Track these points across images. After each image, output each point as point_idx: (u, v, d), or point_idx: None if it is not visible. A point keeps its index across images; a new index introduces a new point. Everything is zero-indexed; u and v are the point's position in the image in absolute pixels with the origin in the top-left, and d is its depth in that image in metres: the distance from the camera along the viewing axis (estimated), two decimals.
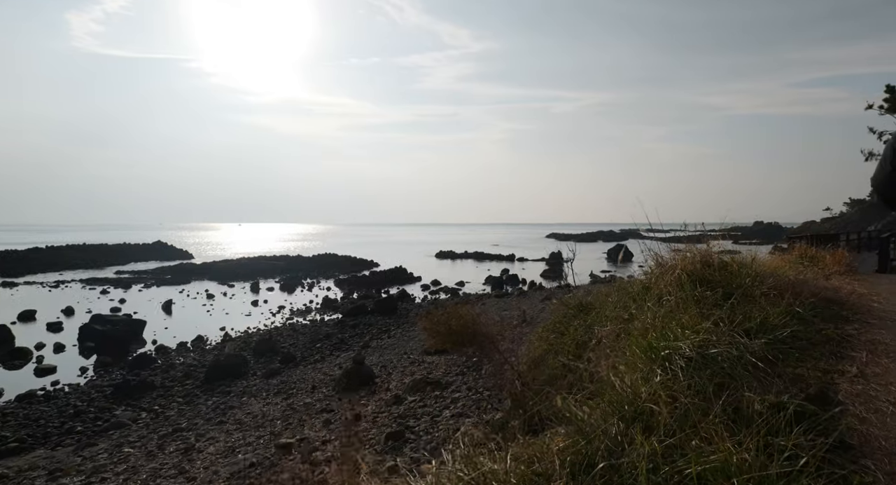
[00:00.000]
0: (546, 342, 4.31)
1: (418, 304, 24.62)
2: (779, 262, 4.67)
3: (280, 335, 17.09)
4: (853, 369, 2.19)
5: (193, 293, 27.99)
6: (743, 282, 3.27)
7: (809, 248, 5.96)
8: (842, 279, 4.40)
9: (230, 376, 11.59)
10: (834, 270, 4.86)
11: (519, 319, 15.21)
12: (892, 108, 17.04)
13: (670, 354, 2.19)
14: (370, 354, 12.85)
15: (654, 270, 3.71)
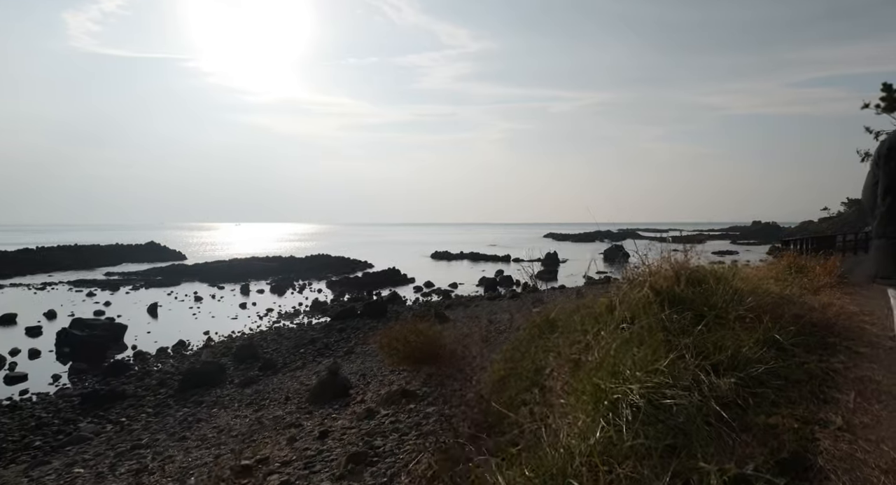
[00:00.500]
0: (509, 363, 3.95)
1: (409, 306, 24.22)
2: (765, 272, 4.32)
3: (264, 340, 16.70)
4: (838, 418, 1.83)
5: (182, 295, 27.58)
6: (719, 301, 2.89)
7: (799, 256, 5.61)
8: (831, 294, 4.05)
9: (206, 385, 11.19)
10: (824, 282, 4.51)
11: (507, 323, 14.87)
12: (889, 107, 16.73)
13: (619, 399, 1.82)
14: (352, 361, 12.47)
15: (622, 287, 3.34)
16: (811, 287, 4.17)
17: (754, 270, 4.67)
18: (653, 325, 2.53)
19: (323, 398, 8.72)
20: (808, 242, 14.29)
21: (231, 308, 23.77)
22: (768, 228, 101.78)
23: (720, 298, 2.93)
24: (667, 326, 2.53)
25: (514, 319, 16.85)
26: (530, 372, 3.10)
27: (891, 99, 16.54)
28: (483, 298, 25.57)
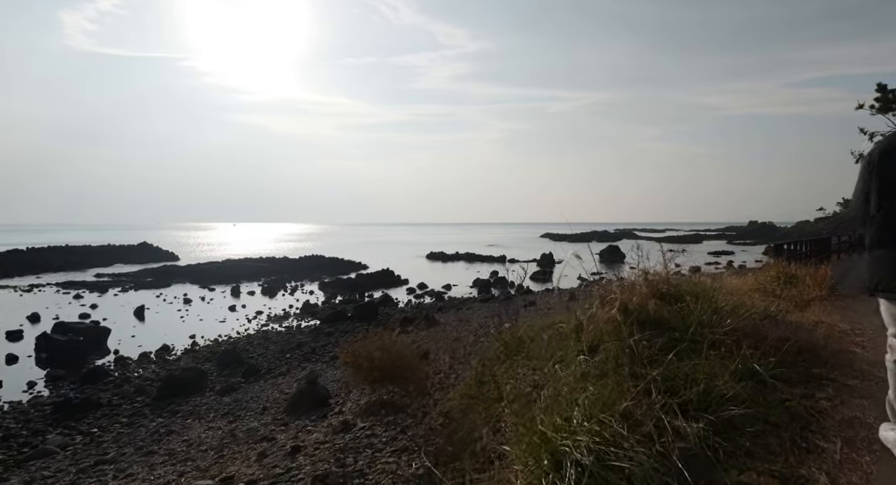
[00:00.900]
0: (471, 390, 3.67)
1: (401, 309, 23.93)
2: (752, 283, 4.04)
3: (250, 344, 16.39)
4: (822, 476, 1.55)
5: (171, 297, 27.22)
6: (696, 322, 2.61)
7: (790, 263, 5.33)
8: (821, 309, 3.78)
9: (185, 392, 10.88)
10: (814, 294, 4.25)
11: (496, 327, 14.60)
12: (884, 107, 16.51)
13: (566, 453, 1.54)
14: (336, 367, 12.17)
15: (592, 307, 3.06)
16: (800, 301, 3.90)
17: (741, 280, 4.40)
18: (619, 353, 2.26)
19: (300, 409, 8.43)
20: (802, 245, 14.05)
21: (220, 311, 23.43)
22: (765, 227, 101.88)
23: (697, 319, 2.65)
24: (634, 354, 2.25)
25: (503, 322, 16.59)
26: (490, 400, 2.83)
27: (885, 99, 16.32)
28: (476, 300, 25.30)
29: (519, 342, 3.40)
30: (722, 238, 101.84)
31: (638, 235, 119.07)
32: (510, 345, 3.51)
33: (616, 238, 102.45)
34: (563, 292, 24.69)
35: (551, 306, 19.28)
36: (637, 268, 4.18)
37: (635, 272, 3.43)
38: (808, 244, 15.08)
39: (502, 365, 3.33)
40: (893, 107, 16.48)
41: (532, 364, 2.74)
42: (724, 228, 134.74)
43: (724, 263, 46.24)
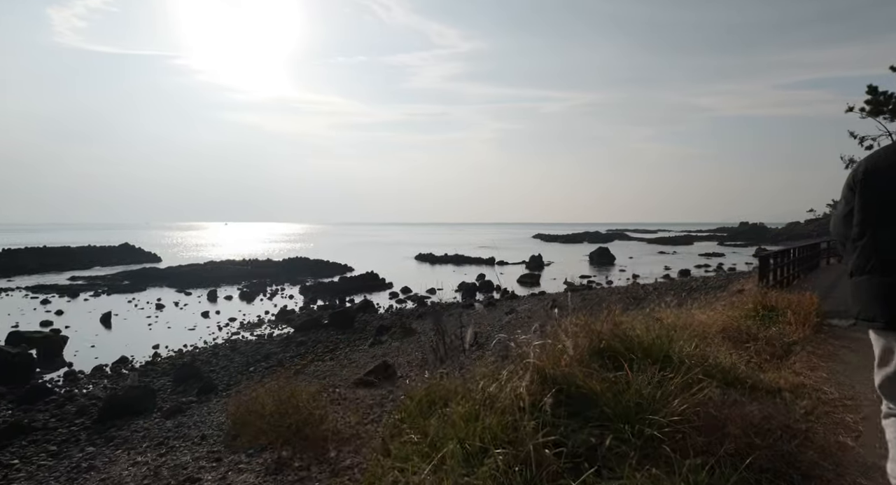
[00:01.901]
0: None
1: (381, 315, 23.19)
2: (724, 320, 3.34)
3: (215, 355, 15.57)
4: None
5: (144, 302, 26.27)
6: (636, 396, 1.89)
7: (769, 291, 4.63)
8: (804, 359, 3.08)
9: (130, 414, 10.05)
10: (797, 334, 3.56)
11: (471, 342, 13.89)
12: (875, 110, 15.97)
13: None
14: (299, 383, 11.42)
15: (505, 368, 2.35)
16: (780, 345, 3.23)
17: (712, 314, 3.72)
18: (509, 467, 1.54)
19: (241, 440, 7.68)
20: (792, 253, 13.43)
21: (192, 317, 22.56)
22: (756, 229, 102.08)
23: (636, 394, 1.95)
24: (538, 463, 1.54)
25: (482, 331, 15.86)
26: None
27: (876, 102, 15.77)
28: (458, 305, 24.59)
29: (430, 405, 2.68)
30: (713, 239, 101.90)
31: (630, 236, 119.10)
32: (412, 413, 2.77)
33: (608, 239, 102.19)
34: (547, 298, 23.96)
35: (531, 315, 18.64)
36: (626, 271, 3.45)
37: (572, 323, 2.74)
38: (798, 251, 14.48)
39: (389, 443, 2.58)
40: (884, 109, 15.95)
41: (412, 464, 1.99)
42: (715, 229, 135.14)
43: (714, 266, 45.87)
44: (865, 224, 1.82)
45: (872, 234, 1.80)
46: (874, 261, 1.79)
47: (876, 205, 1.79)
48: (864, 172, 1.87)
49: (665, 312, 4.11)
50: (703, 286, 24.31)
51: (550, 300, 20.39)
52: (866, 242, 1.81)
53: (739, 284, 18.76)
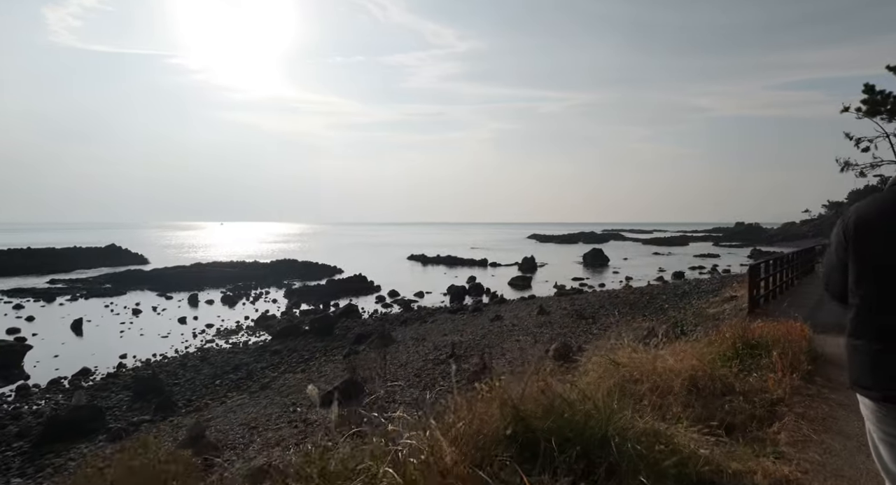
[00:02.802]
0: None
1: (364, 320, 22.48)
2: (694, 365, 2.66)
3: (182, 366, 14.83)
4: None
5: (121, 307, 25.47)
6: None
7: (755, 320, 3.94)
8: (790, 431, 2.41)
9: (74, 436, 9.35)
10: (781, 389, 2.90)
11: (447, 353, 13.21)
12: (872, 110, 15.31)
13: None
14: (256, 402, 10.71)
15: None
16: (761, 404, 2.59)
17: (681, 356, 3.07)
18: None
19: None
20: (782, 261, 12.78)
21: (168, 324, 21.79)
22: (751, 229, 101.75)
23: None
24: None
25: (464, 341, 15.19)
26: None
27: (873, 101, 15.11)
28: (445, 311, 23.91)
29: None
30: (708, 240, 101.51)
31: (625, 237, 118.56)
32: None
33: (603, 239, 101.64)
34: (535, 303, 23.17)
35: (517, 322, 17.98)
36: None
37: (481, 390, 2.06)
38: (791, 258, 13.84)
39: None
40: (882, 109, 15.31)
41: None
42: (711, 229, 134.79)
43: (709, 268, 45.32)
44: (859, 284, 1.68)
45: (865, 295, 1.67)
46: (866, 325, 1.67)
47: (868, 263, 1.66)
48: (855, 227, 1.72)
49: (626, 351, 3.45)
50: (696, 290, 23.68)
51: (537, 306, 19.73)
52: (860, 303, 1.68)
53: (732, 290, 18.13)
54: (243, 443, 7.90)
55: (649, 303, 20.13)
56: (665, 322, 14.72)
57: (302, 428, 8.35)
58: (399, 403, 9.42)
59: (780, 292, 12.37)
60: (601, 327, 15.67)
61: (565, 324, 16.62)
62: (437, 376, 10.92)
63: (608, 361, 3.15)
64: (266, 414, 9.36)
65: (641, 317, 17.04)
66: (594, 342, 13.70)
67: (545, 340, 13.84)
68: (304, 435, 8.02)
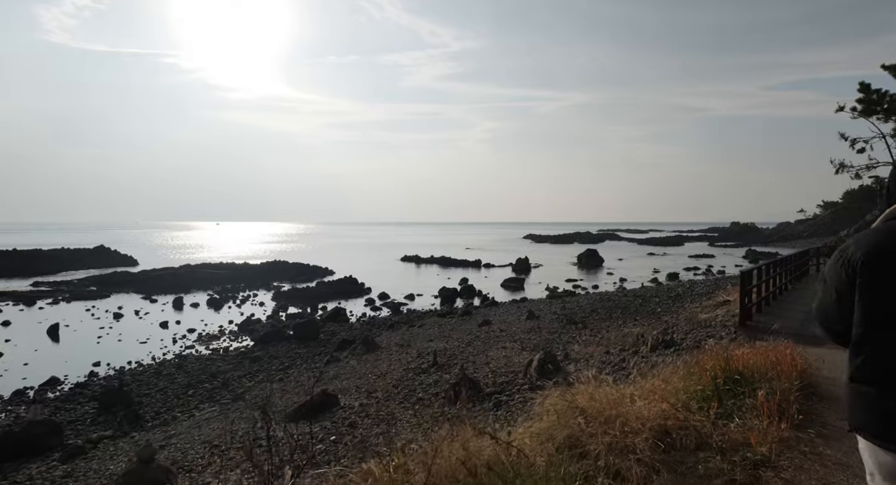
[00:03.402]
0: None
1: (351, 324, 21.96)
2: (667, 409, 2.19)
3: (157, 375, 14.29)
4: None
5: (103, 311, 24.86)
6: None
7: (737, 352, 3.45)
8: None
9: (27, 454, 8.82)
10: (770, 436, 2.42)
11: (429, 362, 12.72)
12: (868, 110, 14.85)
13: None
14: (224, 417, 10.20)
15: None
16: (742, 464, 2.12)
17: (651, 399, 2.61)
18: None
19: None
20: (776, 267, 12.35)
21: (148, 328, 21.22)
22: (747, 229, 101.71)
23: None
24: None
25: (449, 348, 14.70)
26: None
27: (869, 100, 14.65)
28: (434, 314, 23.42)
29: None
30: (704, 240, 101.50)
31: (621, 237, 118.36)
32: None
33: (599, 240, 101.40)
34: (525, 307, 22.69)
35: (505, 328, 17.50)
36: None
37: None
38: (785, 262, 13.42)
39: None
40: (878, 109, 14.86)
41: None
42: (706, 228, 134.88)
43: (704, 269, 44.98)
44: (867, 327, 1.56)
45: (877, 342, 1.56)
46: (877, 372, 1.56)
47: (883, 306, 1.54)
48: (864, 262, 1.58)
49: (589, 388, 2.97)
50: (690, 292, 23.28)
51: (527, 311, 19.25)
52: (871, 350, 1.56)
53: (725, 293, 17.70)
54: (202, 464, 7.40)
55: (642, 306, 19.71)
56: (656, 327, 14.33)
57: (266, 447, 7.84)
58: (372, 417, 8.94)
59: (773, 298, 11.94)
60: (591, 333, 15.24)
61: (554, 329, 16.16)
62: (416, 387, 10.43)
63: (565, 403, 2.68)
64: (233, 430, 8.83)
65: (633, 321, 16.63)
66: (583, 349, 13.29)
67: (532, 347, 13.38)
68: (269, 455, 7.52)
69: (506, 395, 9.25)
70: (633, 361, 8.55)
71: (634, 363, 7.79)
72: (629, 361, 9.71)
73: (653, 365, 5.76)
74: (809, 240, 69.23)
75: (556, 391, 2.98)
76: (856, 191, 65.71)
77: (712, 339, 9.91)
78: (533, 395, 9.30)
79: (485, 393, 9.46)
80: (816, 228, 76.49)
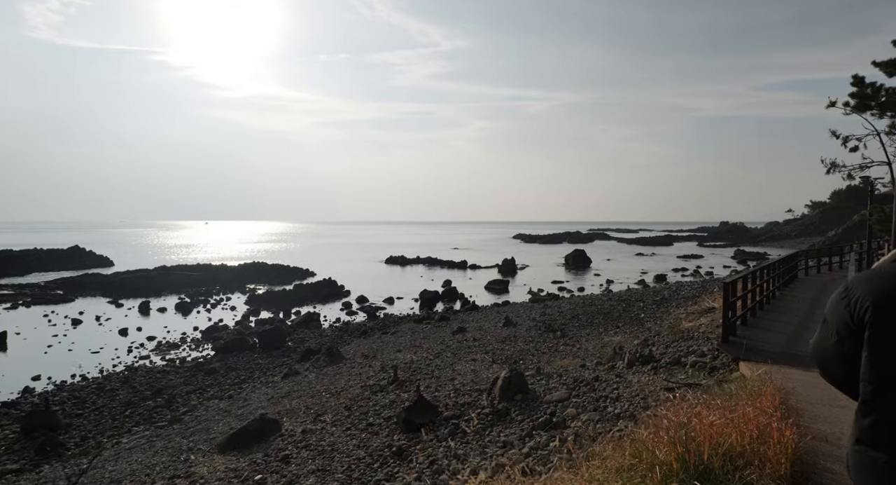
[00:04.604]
0: None
1: (321, 332, 20.89)
2: None
3: (98, 391, 13.14)
4: None
5: (62, 316, 23.59)
6: None
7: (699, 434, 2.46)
8: None
9: None
10: None
11: (389, 379, 11.72)
12: (861, 105, 14.02)
13: None
14: (153, 444, 9.11)
15: None
16: None
17: None
18: None
19: None
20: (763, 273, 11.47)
21: (106, 336, 20.02)
22: (736, 229, 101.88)
23: None
24: None
25: (417, 359, 13.71)
26: None
27: (862, 95, 13.83)
28: (410, 320, 22.43)
29: None
30: (693, 239, 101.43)
31: (610, 237, 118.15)
32: None
33: (589, 239, 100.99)
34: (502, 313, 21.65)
35: (480, 336, 16.54)
36: None
37: None
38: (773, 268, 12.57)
39: None
40: (871, 104, 14.03)
41: None
42: (696, 228, 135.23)
43: (692, 270, 44.38)
44: (883, 382, 1.39)
45: (888, 403, 1.38)
46: (886, 436, 1.39)
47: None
48: (878, 310, 1.40)
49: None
50: (676, 296, 22.52)
51: (504, 317, 18.29)
52: (886, 407, 1.39)
53: (711, 299, 16.87)
54: None
55: (625, 311, 18.85)
56: (638, 336, 13.44)
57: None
58: (312, 449, 7.92)
59: (760, 308, 11.08)
60: (569, 342, 14.33)
61: (531, 338, 15.22)
62: (369, 409, 9.41)
63: None
64: (152, 464, 7.78)
65: (614, 329, 15.75)
66: (558, 361, 12.35)
67: (504, 359, 12.43)
68: None
69: (464, 420, 8.26)
70: (605, 379, 7.63)
71: (607, 382, 6.86)
72: (603, 379, 8.81)
73: (594, 437, 4.75)
74: (798, 240, 69.23)
75: None
76: (843, 191, 65.71)
77: (693, 355, 9.07)
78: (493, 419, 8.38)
79: (442, 417, 8.47)
80: (804, 228, 76.57)
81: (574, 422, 7.14)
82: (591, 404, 7.58)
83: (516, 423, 7.68)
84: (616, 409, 6.99)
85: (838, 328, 1.50)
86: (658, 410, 6.78)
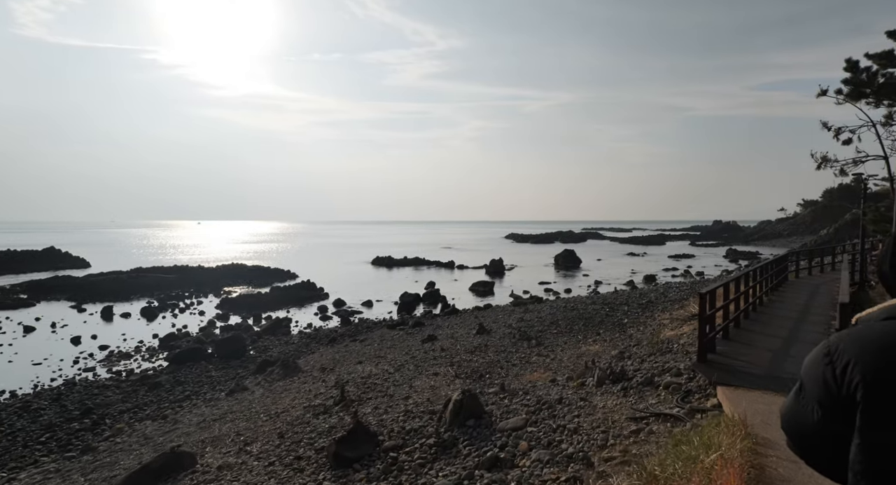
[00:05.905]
0: None
1: (289, 339, 19.70)
2: None
3: (22, 410, 11.89)
4: None
5: (16, 323, 22.27)
6: None
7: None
8: None
9: None
10: None
11: (336, 399, 10.59)
12: (855, 93, 12.98)
13: None
14: (50, 480, 7.93)
15: None
16: None
17: None
18: None
19: None
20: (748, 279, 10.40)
21: (56, 345, 18.76)
22: (729, 228, 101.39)
23: None
24: None
25: (377, 373, 12.57)
26: None
27: (857, 81, 12.76)
28: (384, 325, 21.28)
29: None
30: (686, 239, 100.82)
31: (603, 236, 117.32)
32: None
33: (581, 239, 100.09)
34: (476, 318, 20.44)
35: (450, 345, 15.43)
36: None
37: None
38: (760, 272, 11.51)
39: None
40: (866, 92, 12.96)
41: None
42: (689, 227, 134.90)
43: (682, 270, 43.45)
44: (884, 476, 1.11)
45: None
46: None
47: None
48: (874, 384, 1.08)
49: None
50: (663, 298, 21.52)
51: (478, 324, 17.18)
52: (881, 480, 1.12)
53: (697, 303, 15.92)
54: None
55: (608, 316, 17.77)
56: (617, 345, 12.38)
57: None
58: None
59: (746, 316, 10.01)
60: (543, 352, 13.22)
61: (503, 347, 14.09)
62: (303, 437, 8.25)
63: None
64: None
65: (594, 336, 14.69)
66: (526, 376, 11.27)
67: (468, 373, 11.28)
68: None
69: (405, 451, 7.14)
70: (570, 401, 6.53)
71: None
72: (567, 401, 7.75)
73: None
74: (790, 239, 68.61)
75: None
76: (835, 189, 65.04)
77: (668, 374, 8.01)
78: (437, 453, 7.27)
79: (381, 448, 7.33)
80: (797, 227, 76.00)
81: (523, 460, 6.09)
82: (546, 437, 6.52)
83: (461, 457, 6.58)
84: (570, 447, 5.92)
85: (820, 401, 1.18)
86: (615, 448, 5.74)
